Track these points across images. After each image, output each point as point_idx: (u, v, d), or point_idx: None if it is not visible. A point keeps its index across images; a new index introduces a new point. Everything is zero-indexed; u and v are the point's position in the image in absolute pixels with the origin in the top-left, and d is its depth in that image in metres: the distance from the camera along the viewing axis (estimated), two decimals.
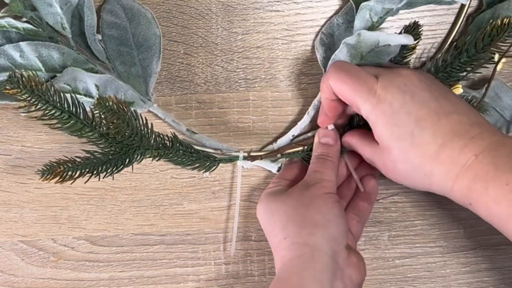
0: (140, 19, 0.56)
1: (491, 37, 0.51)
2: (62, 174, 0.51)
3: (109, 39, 0.56)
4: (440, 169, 0.47)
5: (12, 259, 0.61)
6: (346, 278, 0.50)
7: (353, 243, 0.54)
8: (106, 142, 0.53)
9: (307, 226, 0.50)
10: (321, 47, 0.57)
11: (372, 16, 0.53)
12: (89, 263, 0.61)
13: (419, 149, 0.47)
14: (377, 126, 0.49)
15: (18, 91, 0.49)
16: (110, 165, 0.53)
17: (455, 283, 0.61)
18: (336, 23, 0.56)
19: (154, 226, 0.61)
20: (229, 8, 0.57)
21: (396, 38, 0.51)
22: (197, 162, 0.57)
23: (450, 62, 0.53)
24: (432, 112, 0.47)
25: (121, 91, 0.54)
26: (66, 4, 0.53)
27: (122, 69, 0.56)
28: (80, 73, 0.53)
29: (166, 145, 0.56)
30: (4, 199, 0.60)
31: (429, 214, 0.60)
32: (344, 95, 0.50)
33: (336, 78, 0.50)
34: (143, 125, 0.54)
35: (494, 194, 0.44)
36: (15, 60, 0.53)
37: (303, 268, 0.48)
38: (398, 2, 0.51)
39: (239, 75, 0.58)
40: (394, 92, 0.48)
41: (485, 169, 0.45)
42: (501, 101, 0.57)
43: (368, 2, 0.52)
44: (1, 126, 0.59)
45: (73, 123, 0.51)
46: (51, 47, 0.53)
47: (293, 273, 0.48)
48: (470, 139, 0.46)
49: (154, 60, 0.56)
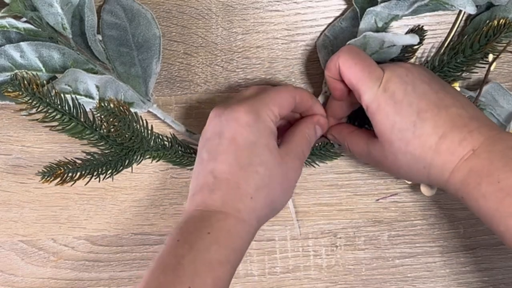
0: (140, 19, 0.56)
1: (487, 37, 0.51)
2: (63, 176, 0.51)
3: (109, 39, 0.56)
4: (439, 161, 0.47)
5: (12, 259, 0.61)
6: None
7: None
8: (107, 144, 0.53)
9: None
10: (324, 49, 0.57)
11: (377, 21, 0.53)
12: (89, 263, 0.61)
13: (420, 140, 0.47)
14: (378, 116, 0.49)
15: (20, 94, 0.49)
16: (109, 166, 0.53)
17: (455, 283, 0.61)
18: (340, 26, 0.56)
19: (154, 226, 0.61)
20: (229, 8, 0.57)
21: (402, 38, 0.51)
22: None
23: (446, 62, 0.54)
24: (432, 104, 0.48)
25: (121, 92, 0.54)
26: (67, 4, 0.53)
27: (122, 69, 0.56)
28: (81, 74, 0.53)
29: (165, 146, 0.56)
30: (4, 199, 0.60)
31: (429, 214, 0.60)
32: (349, 78, 0.50)
33: (346, 59, 0.50)
34: (143, 128, 0.54)
35: (484, 190, 0.44)
36: (16, 60, 0.53)
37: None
38: (405, 9, 0.51)
39: (239, 75, 0.58)
40: (397, 82, 0.48)
41: (480, 164, 0.45)
42: (498, 105, 0.57)
43: (375, 7, 0.52)
44: (1, 126, 0.59)
45: (74, 126, 0.51)
46: (52, 48, 0.53)
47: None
48: (469, 133, 0.46)
49: (154, 60, 0.56)
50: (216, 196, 0.48)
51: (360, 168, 0.60)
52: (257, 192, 0.48)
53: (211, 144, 0.49)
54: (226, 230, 0.46)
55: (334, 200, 0.60)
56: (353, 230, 0.61)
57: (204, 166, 0.49)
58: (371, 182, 0.60)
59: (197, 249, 0.45)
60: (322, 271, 0.61)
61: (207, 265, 0.45)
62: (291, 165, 0.50)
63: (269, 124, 0.49)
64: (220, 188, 0.48)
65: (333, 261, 0.61)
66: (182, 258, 0.45)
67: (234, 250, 0.46)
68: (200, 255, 0.45)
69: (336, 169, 0.60)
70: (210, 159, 0.49)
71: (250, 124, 0.48)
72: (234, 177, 0.48)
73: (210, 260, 0.45)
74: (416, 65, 0.51)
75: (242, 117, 0.49)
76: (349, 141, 0.53)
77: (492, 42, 0.51)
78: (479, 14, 0.55)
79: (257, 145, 0.48)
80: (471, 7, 0.50)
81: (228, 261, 0.46)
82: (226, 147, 0.48)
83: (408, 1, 0.51)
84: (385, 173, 0.59)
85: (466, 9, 0.50)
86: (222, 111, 0.50)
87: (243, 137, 0.48)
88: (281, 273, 0.61)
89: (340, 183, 0.60)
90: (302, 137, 0.52)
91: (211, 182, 0.48)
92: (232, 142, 0.48)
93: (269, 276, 0.61)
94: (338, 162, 0.59)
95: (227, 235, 0.46)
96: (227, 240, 0.46)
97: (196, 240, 0.46)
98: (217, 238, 0.46)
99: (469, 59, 0.53)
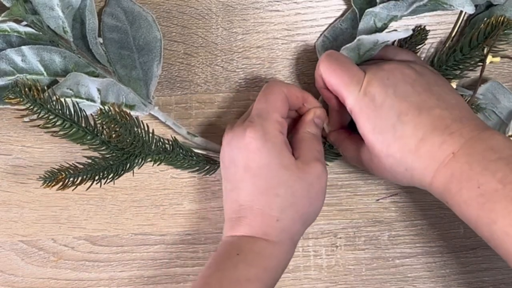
0: (141, 22, 0.56)
1: (485, 35, 0.51)
2: (64, 181, 0.52)
3: (110, 42, 0.56)
4: (419, 164, 0.46)
5: (12, 259, 0.61)
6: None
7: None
8: (108, 149, 0.53)
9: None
10: (323, 50, 0.57)
11: (376, 22, 0.53)
12: (89, 263, 0.61)
13: (400, 142, 0.47)
14: (360, 119, 0.49)
15: (21, 100, 0.49)
16: (111, 170, 0.53)
17: (455, 283, 0.61)
18: (340, 27, 0.56)
19: (154, 226, 0.61)
20: (229, 8, 0.57)
21: (394, 34, 0.51)
22: (197, 166, 0.58)
23: (445, 60, 0.54)
24: (412, 106, 0.47)
25: (123, 95, 0.54)
26: (68, 7, 0.53)
27: (123, 72, 0.56)
28: (82, 77, 0.52)
29: (166, 149, 0.56)
30: (4, 199, 0.60)
31: (429, 214, 0.60)
32: (332, 85, 0.50)
33: (326, 66, 0.50)
34: (145, 132, 0.54)
35: (466, 196, 0.44)
36: (17, 64, 0.53)
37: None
38: (404, 9, 0.51)
39: (239, 75, 0.58)
40: (377, 86, 0.48)
41: (460, 169, 0.44)
42: (499, 103, 0.57)
43: (374, 8, 0.52)
44: (1, 126, 0.59)
45: (75, 131, 0.52)
46: (53, 51, 0.53)
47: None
48: (449, 135, 0.46)
49: (155, 63, 0.56)
50: (243, 223, 0.48)
51: (360, 168, 0.60)
52: (283, 214, 0.48)
53: (229, 173, 0.50)
54: (256, 252, 0.47)
55: (334, 200, 0.60)
56: (353, 230, 0.61)
57: (229, 196, 0.50)
58: (371, 182, 0.60)
59: (223, 268, 0.46)
60: (322, 271, 0.61)
61: (234, 282, 0.45)
62: (313, 174, 0.50)
63: (278, 139, 0.49)
64: (246, 215, 0.48)
65: (333, 261, 0.61)
66: (208, 278, 0.46)
67: (265, 269, 0.46)
68: (227, 273, 0.45)
69: (336, 169, 0.60)
70: (232, 188, 0.50)
71: (260, 148, 0.49)
72: (256, 204, 0.48)
73: (237, 278, 0.45)
74: (402, 65, 0.50)
75: (250, 143, 0.49)
76: (342, 146, 0.54)
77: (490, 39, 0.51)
78: (478, 14, 0.55)
79: (271, 167, 0.48)
80: (470, 7, 0.50)
81: (257, 279, 0.46)
82: (242, 175, 0.49)
83: (407, 1, 0.51)
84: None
85: (465, 9, 0.50)
86: (231, 138, 0.50)
87: (256, 163, 0.48)
88: None
89: (340, 183, 0.60)
90: (309, 138, 0.52)
91: (237, 210, 0.49)
92: (246, 170, 0.49)
93: None
94: (338, 162, 0.60)
95: (257, 256, 0.47)
96: (256, 260, 0.46)
97: (224, 261, 0.46)
98: (245, 258, 0.46)
99: (467, 57, 0.53)
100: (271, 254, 0.47)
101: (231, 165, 0.50)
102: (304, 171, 0.49)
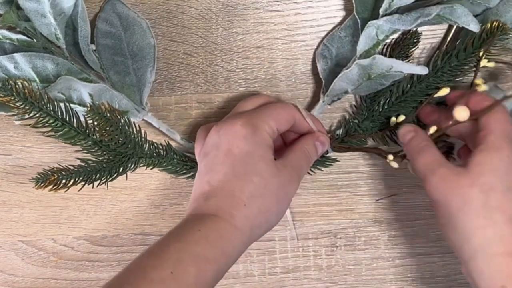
0: (135, 28, 0.56)
1: (480, 40, 0.51)
2: (56, 182, 0.51)
3: (104, 48, 0.56)
4: (478, 244, 0.46)
5: (12, 259, 0.61)
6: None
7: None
8: (100, 149, 0.53)
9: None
10: (322, 59, 0.56)
11: (378, 34, 0.52)
12: (89, 263, 0.61)
13: (478, 231, 0.46)
14: (490, 160, 0.47)
15: (12, 98, 0.49)
16: (104, 173, 0.53)
17: (455, 283, 0.61)
18: (339, 36, 0.56)
19: (154, 226, 0.61)
20: (229, 8, 0.57)
21: (411, 68, 0.51)
22: (192, 171, 0.58)
23: (441, 66, 0.53)
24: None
25: (115, 100, 0.54)
26: (60, 14, 0.52)
27: (116, 78, 0.56)
28: (74, 82, 0.52)
29: (160, 154, 0.56)
30: (4, 199, 0.60)
31: (429, 214, 0.60)
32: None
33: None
34: (136, 133, 0.54)
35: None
36: (10, 71, 0.53)
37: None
38: (408, 24, 0.50)
39: (239, 75, 0.58)
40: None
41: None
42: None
43: (377, 20, 0.51)
44: (1, 126, 0.59)
45: (66, 131, 0.51)
46: (45, 58, 0.53)
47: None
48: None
49: (149, 69, 0.56)
50: (210, 202, 0.48)
51: (360, 168, 0.60)
52: (251, 200, 0.48)
53: (209, 157, 0.50)
54: (218, 232, 0.46)
55: (334, 200, 0.60)
56: (353, 230, 0.61)
57: (201, 178, 0.50)
58: (371, 182, 0.60)
59: (184, 240, 0.45)
60: (322, 271, 0.61)
61: (193, 257, 0.44)
62: (287, 177, 0.50)
63: (266, 137, 0.50)
64: (215, 195, 0.48)
65: (333, 261, 0.61)
66: (167, 247, 0.45)
67: (223, 253, 0.46)
68: (187, 247, 0.45)
69: (336, 169, 0.60)
70: (207, 171, 0.49)
71: (247, 136, 0.49)
72: (228, 185, 0.48)
73: (196, 253, 0.45)
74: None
75: (239, 130, 0.49)
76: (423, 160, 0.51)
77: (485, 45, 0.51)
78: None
79: (253, 156, 0.49)
80: (475, 26, 0.49)
81: (215, 261, 0.45)
82: (223, 158, 0.49)
83: (411, 16, 0.50)
84: (385, 173, 0.59)
85: (470, 27, 0.49)
86: (221, 127, 0.50)
87: (239, 148, 0.49)
88: (281, 273, 0.61)
89: (340, 183, 0.60)
90: (302, 152, 0.52)
91: (207, 191, 0.48)
92: (228, 153, 0.49)
93: (269, 276, 0.61)
94: (338, 162, 0.59)
95: (218, 237, 0.46)
96: (217, 241, 0.46)
97: (184, 234, 0.46)
98: (207, 236, 0.46)
99: (462, 63, 0.52)
100: (230, 239, 0.47)
101: (212, 150, 0.50)
102: (280, 171, 0.50)
